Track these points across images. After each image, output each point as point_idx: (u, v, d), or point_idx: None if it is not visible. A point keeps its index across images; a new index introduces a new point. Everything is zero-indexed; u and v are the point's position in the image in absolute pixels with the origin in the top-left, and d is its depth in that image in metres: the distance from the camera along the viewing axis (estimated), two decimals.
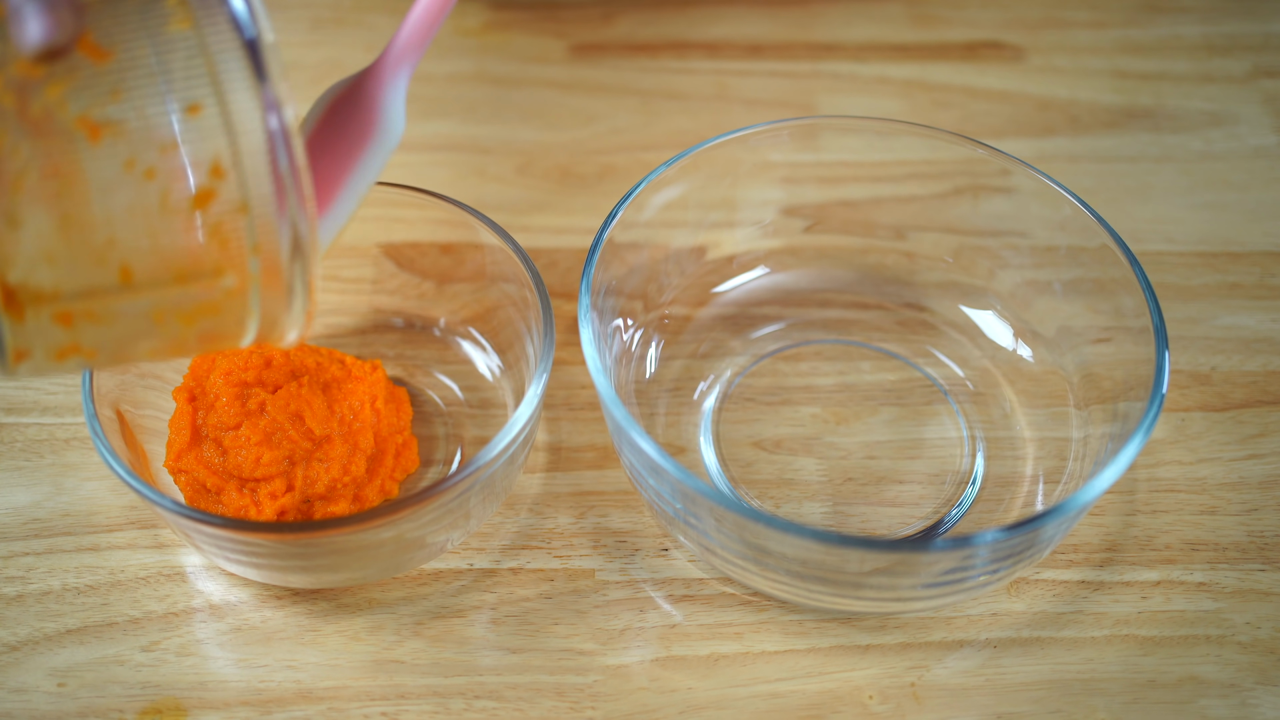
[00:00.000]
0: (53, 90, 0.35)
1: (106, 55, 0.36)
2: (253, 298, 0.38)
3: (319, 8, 0.73)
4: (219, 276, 0.37)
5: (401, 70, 0.46)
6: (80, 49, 0.36)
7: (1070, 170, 0.65)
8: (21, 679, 0.47)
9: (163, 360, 0.49)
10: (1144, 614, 0.49)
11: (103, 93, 0.35)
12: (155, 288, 0.37)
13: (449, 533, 0.48)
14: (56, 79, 0.35)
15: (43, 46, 0.35)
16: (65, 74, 0.35)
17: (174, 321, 0.38)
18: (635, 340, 0.55)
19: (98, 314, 0.37)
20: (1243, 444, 0.54)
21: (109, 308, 0.37)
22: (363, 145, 0.46)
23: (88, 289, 0.36)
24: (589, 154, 0.66)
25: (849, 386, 0.56)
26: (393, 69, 0.46)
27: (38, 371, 0.38)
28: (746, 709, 0.47)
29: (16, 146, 0.35)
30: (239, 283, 0.38)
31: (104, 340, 0.38)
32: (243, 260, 0.37)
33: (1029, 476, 0.52)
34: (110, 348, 0.38)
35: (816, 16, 0.73)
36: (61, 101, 0.35)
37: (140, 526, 0.51)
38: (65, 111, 0.35)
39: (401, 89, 0.46)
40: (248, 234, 0.37)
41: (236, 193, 0.36)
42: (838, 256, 0.59)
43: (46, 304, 0.36)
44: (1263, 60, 0.71)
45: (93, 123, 0.35)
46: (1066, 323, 0.54)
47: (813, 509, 0.52)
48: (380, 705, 0.47)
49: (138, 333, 0.38)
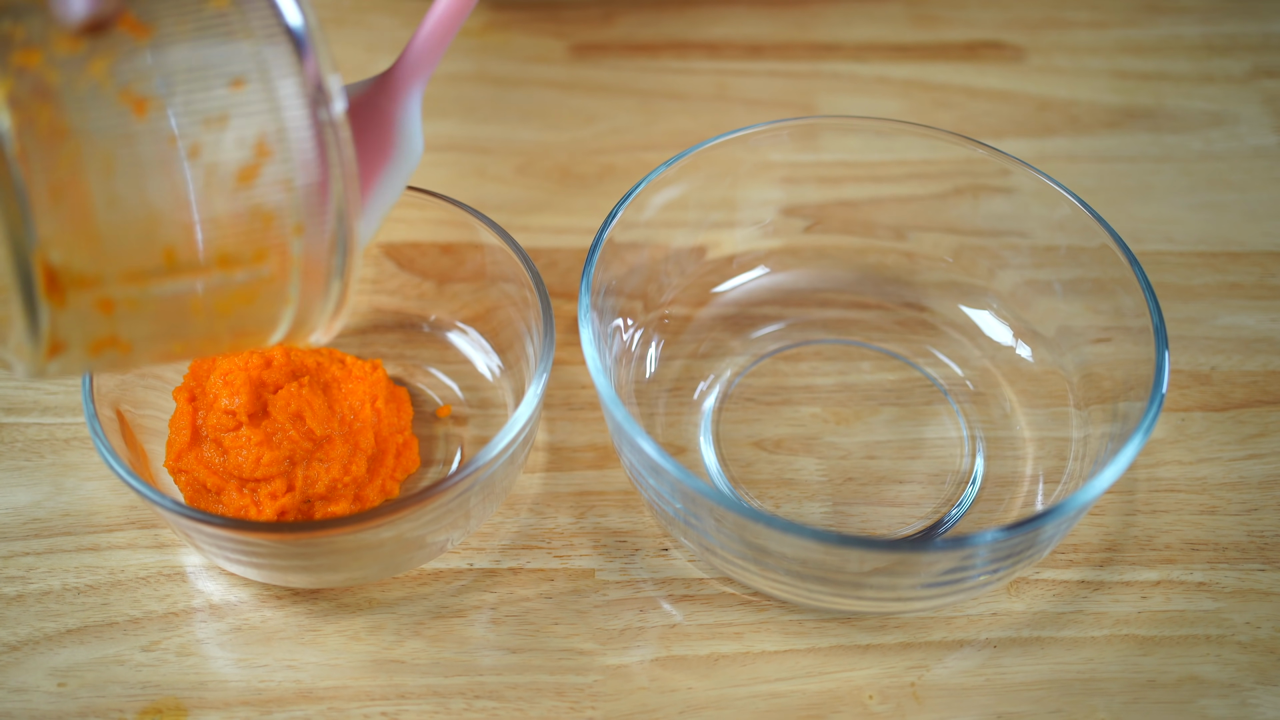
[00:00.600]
0: (97, 65, 0.35)
1: (149, 30, 0.35)
2: (292, 285, 0.38)
3: (319, 8, 0.72)
4: (260, 261, 0.37)
5: (416, 85, 0.46)
6: (122, 25, 0.35)
7: (1070, 170, 0.65)
8: (21, 679, 0.47)
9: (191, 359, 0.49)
10: (1144, 614, 0.49)
11: (147, 67, 0.35)
12: (197, 271, 0.36)
13: (449, 533, 0.48)
14: (100, 54, 0.35)
15: (85, 20, 0.35)
16: (109, 49, 0.35)
17: (211, 312, 0.37)
18: (635, 340, 0.55)
19: (138, 301, 0.36)
20: (1243, 444, 0.54)
21: (150, 293, 0.36)
22: (381, 164, 0.46)
23: (131, 271, 0.36)
24: (589, 154, 0.66)
25: (849, 386, 0.56)
26: (407, 84, 0.46)
27: (66, 370, 0.37)
28: (746, 709, 0.47)
29: (62, 122, 0.34)
30: (279, 268, 0.37)
31: (140, 332, 0.37)
32: (284, 241, 0.37)
33: (1029, 476, 0.52)
34: (145, 341, 0.38)
35: (816, 16, 0.73)
36: (107, 76, 0.35)
37: (140, 526, 0.51)
38: (110, 86, 0.35)
39: (417, 106, 0.46)
40: (290, 213, 0.37)
41: (282, 170, 0.36)
42: (838, 256, 0.59)
43: (90, 288, 0.35)
44: (1263, 60, 0.71)
45: (138, 97, 0.35)
46: (1066, 323, 0.54)
47: (813, 509, 0.52)
48: (380, 705, 0.47)
49: (174, 324, 0.37)
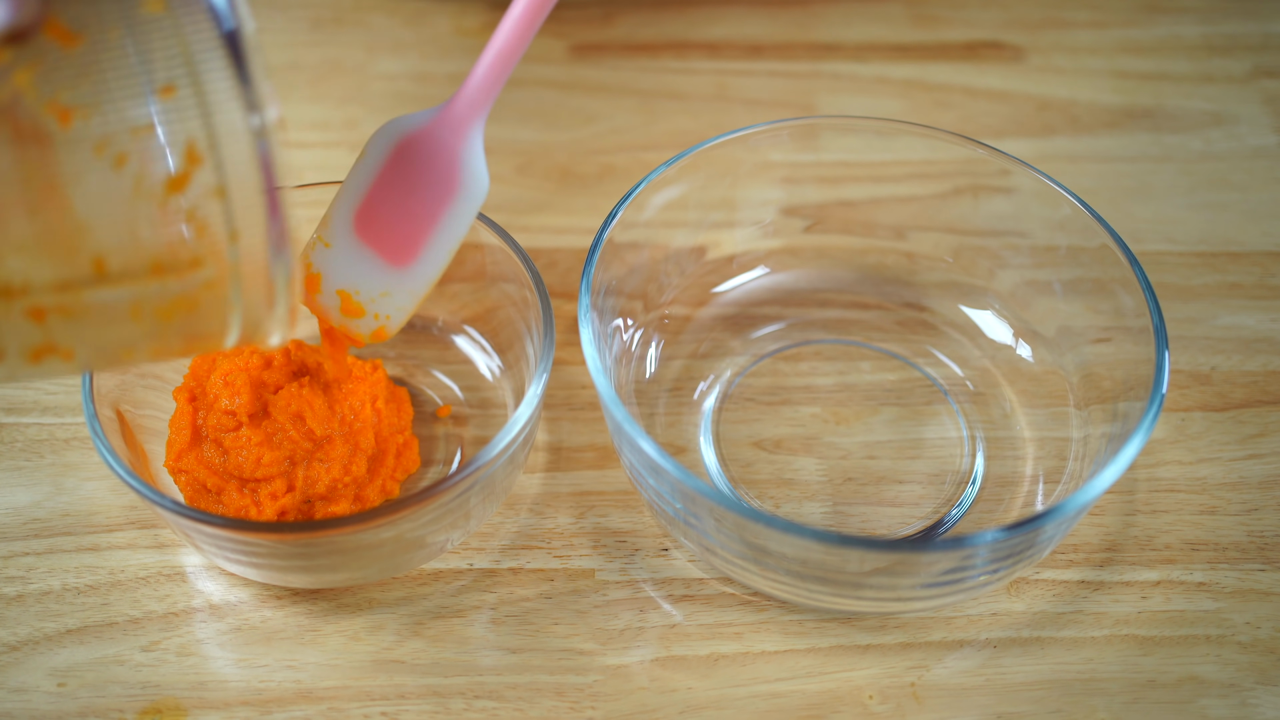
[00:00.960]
0: (20, 76, 0.34)
1: (76, 39, 0.35)
2: (233, 291, 0.37)
3: (319, 8, 0.73)
4: (196, 268, 0.36)
5: (478, 120, 0.47)
6: (48, 32, 0.35)
7: (1070, 170, 0.65)
8: (21, 679, 0.47)
9: (148, 363, 0.48)
10: (1144, 614, 0.49)
11: (72, 76, 0.35)
12: (130, 279, 0.36)
13: (449, 533, 0.48)
14: (24, 64, 0.34)
15: (6, 29, 0.34)
16: (33, 58, 0.34)
17: (152, 318, 0.37)
18: (635, 340, 0.55)
19: (71, 309, 0.36)
20: (1243, 444, 0.54)
21: (83, 302, 0.36)
22: (447, 201, 0.47)
23: (60, 281, 0.35)
24: (589, 154, 0.66)
25: (849, 386, 0.56)
26: (469, 120, 0.47)
27: (13, 375, 0.37)
28: (746, 709, 0.47)
29: None
30: (217, 274, 0.37)
31: (81, 340, 0.37)
32: (220, 248, 0.36)
33: (1029, 476, 0.52)
34: (89, 348, 0.37)
35: (816, 16, 0.73)
36: (30, 86, 0.34)
37: (140, 526, 0.51)
38: (34, 96, 0.34)
39: (479, 141, 0.47)
40: (224, 220, 0.36)
41: (213, 177, 0.36)
42: (838, 256, 0.59)
43: (16, 298, 0.35)
44: (1263, 60, 0.71)
45: (62, 107, 0.34)
46: (1066, 323, 0.54)
47: (813, 509, 0.52)
48: (380, 705, 0.47)
49: (116, 331, 0.37)
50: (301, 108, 0.67)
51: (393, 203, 0.47)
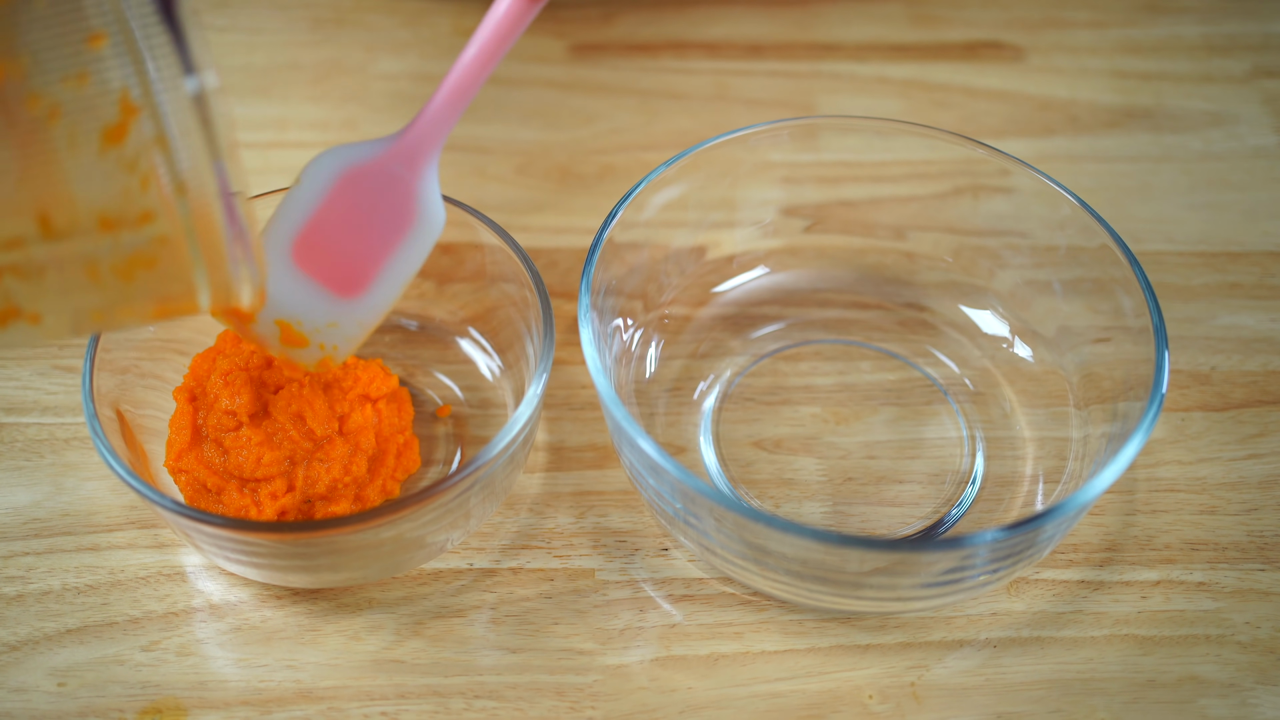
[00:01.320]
0: None
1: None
2: (191, 247, 0.36)
3: (319, 8, 0.73)
4: (146, 222, 0.36)
5: (433, 154, 0.46)
6: None
7: (1070, 170, 0.65)
8: (21, 679, 0.47)
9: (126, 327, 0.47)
10: (1144, 614, 0.49)
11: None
12: (78, 235, 0.35)
13: (449, 533, 0.48)
14: None
15: None
16: None
17: (112, 276, 0.36)
18: (635, 340, 0.55)
19: (24, 269, 0.35)
20: (1243, 444, 0.54)
21: (34, 260, 0.35)
22: (401, 234, 0.46)
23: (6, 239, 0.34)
24: (589, 154, 0.66)
25: (849, 386, 0.56)
26: (425, 153, 0.46)
27: None
28: (746, 709, 0.47)
29: None
30: (171, 229, 0.36)
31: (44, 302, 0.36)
32: (168, 201, 0.36)
33: (1029, 476, 0.52)
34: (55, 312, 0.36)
35: (816, 16, 0.73)
36: None
37: (140, 526, 0.51)
38: None
39: (435, 174, 0.47)
40: (169, 171, 0.35)
41: (151, 127, 0.35)
42: (837, 256, 0.59)
43: None
44: (1263, 60, 0.71)
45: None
46: (1066, 322, 0.54)
47: (813, 509, 0.52)
48: (380, 705, 0.47)
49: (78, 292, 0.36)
50: (301, 108, 0.67)
51: (340, 234, 0.46)
